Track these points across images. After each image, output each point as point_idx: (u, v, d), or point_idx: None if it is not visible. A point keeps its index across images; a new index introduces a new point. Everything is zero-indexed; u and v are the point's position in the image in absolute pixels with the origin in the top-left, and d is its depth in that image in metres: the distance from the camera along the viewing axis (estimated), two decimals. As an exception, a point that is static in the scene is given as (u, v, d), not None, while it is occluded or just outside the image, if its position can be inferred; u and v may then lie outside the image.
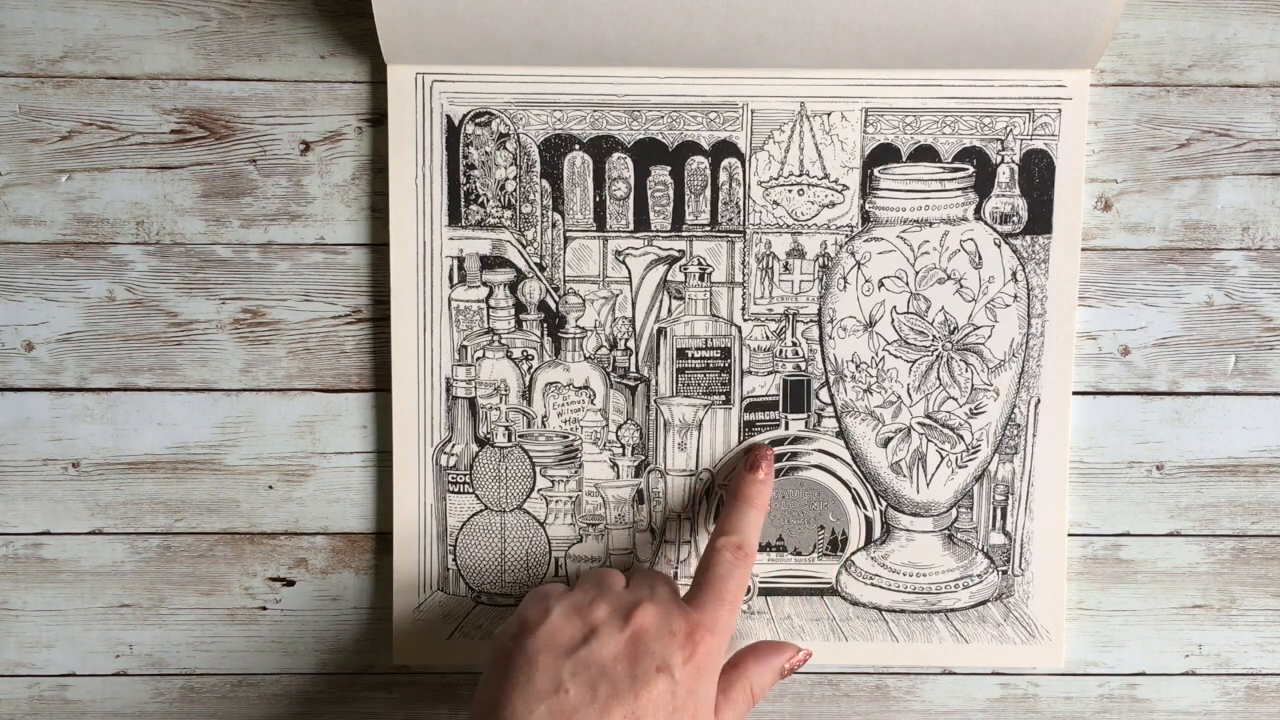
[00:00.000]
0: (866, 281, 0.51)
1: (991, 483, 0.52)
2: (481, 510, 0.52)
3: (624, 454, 0.52)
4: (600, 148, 0.50)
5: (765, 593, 0.52)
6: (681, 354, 0.51)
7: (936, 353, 0.51)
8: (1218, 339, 0.52)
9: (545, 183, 0.50)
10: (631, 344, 0.51)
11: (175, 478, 0.52)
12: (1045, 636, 0.52)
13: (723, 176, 0.50)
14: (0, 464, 0.52)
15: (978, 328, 0.51)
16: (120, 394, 0.51)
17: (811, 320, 0.51)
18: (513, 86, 0.50)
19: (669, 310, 0.51)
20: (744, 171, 0.50)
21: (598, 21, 0.47)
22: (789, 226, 0.51)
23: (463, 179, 0.50)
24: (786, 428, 0.52)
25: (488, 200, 0.50)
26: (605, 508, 0.52)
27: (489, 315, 0.51)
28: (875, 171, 0.50)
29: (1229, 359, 0.52)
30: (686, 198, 0.51)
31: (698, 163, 0.50)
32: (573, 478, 0.52)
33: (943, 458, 0.51)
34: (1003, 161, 0.50)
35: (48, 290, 0.51)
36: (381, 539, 0.52)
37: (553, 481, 0.52)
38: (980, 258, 0.51)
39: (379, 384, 0.52)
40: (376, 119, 0.50)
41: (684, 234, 0.51)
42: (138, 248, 0.51)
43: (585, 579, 0.48)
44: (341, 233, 0.51)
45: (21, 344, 0.51)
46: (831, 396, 0.51)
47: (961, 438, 0.51)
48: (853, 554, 0.52)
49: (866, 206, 0.50)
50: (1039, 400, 0.51)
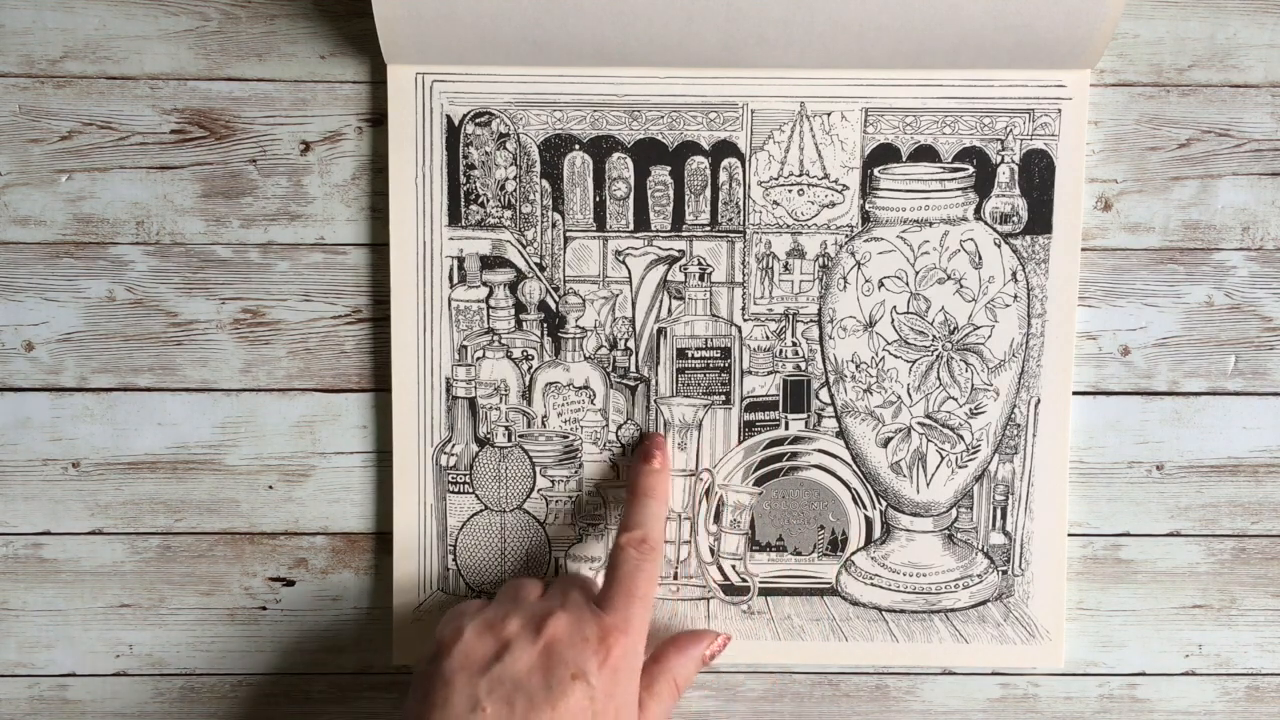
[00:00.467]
0: (866, 281, 0.51)
1: (991, 483, 0.52)
2: (481, 510, 0.52)
3: (624, 454, 0.52)
4: (600, 148, 0.50)
5: (765, 593, 0.52)
6: (681, 354, 0.51)
7: (936, 353, 0.51)
8: (1218, 339, 0.52)
9: (545, 183, 0.50)
10: (631, 344, 0.51)
11: (175, 478, 0.52)
12: (1045, 636, 0.52)
13: (723, 176, 0.50)
14: (0, 464, 0.52)
15: (978, 328, 0.51)
16: (120, 394, 0.51)
17: (811, 320, 0.51)
18: (513, 86, 0.50)
19: (669, 310, 0.51)
20: (744, 171, 0.50)
21: (598, 21, 0.47)
22: (789, 226, 0.51)
23: (463, 179, 0.50)
24: (786, 428, 0.52)
25: (488, 200, 0.50)
26: (605, 508, 0.52)
27: (489, 315, 0.51)
28: (875, 171, 0.50)
29: (1229, 359, 0.52)
30: (686, 198, 0.51)
31: (698, 163, 0.50)
32: (573, 478, 0.52)
33: (943, 458, 0.51)
34: (1003, 161, 0.50)
35: (48, 290, 0.51)
36: (381, 539, 0.52)
37: (553, 481, 0.52)
38: (980, 258, 0.51)
39: (379, 384, 0.52)
40: (376, 119, 0.50)
41: (684, 234, 0.51)
42: (138, 248, 0.51)
43: (501, 593, 0.48)
44: (341, 233, 0.51)
45: (21, 344, 0.51)
46: (831, 396, 0.51)
47: (961, 438, 0.51)
48: (853, 554, 0.52)
49: (866, 206, 0.50)
50: (1039, 400, 0.51)
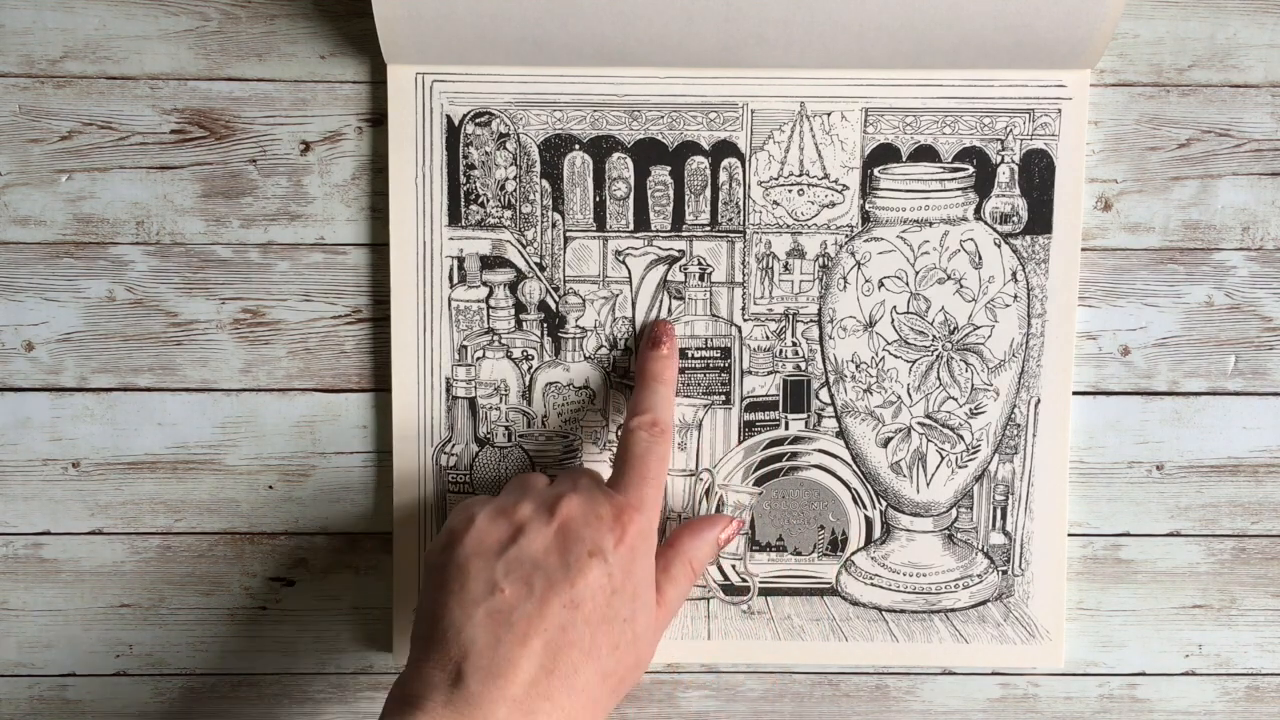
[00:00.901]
0: (866, 281, 0.51)
1: (991, 483, 0.52)
2: (481, 510, 0.52)
3: (624, 454, 0.52)
4: (600, 148, 0.50)
5: (765, 593, 0.52)
6: (681, 354, 0.51)
7: (936, 353, 0.51)
8: (1218, 339, 0.52)
9: (545, 183, 0.50)
10: (631, 344, 0.51)
11: (175, 478, 0.52)
12: (1045, 636, 0.52)
13: (723, 176, 0.50)
14: (0, 464, 0.52)
15: (978, 328, 0.51)
16: (120, 394, 0.51)
17: (811, 320, 0.51)
18: (513, 86, 0.50)
19: (669, 310, 0.51)
20: (744, 171, 0.50)
21: (598, 21, 0.47)
22: (789, 226, 0.51)
23: (463, 179, 0.50)
24: (786, 428, 0.52)
25: (488, 200, 0.50)
26: (605, 508, 0.52)
27: (489, 315, 0.51)
28: (875, 171, 0.50)
29: (1229, 359, 0.52)
30: (686, 198, 0.51)
31: (698, 163, 0.50)
32: (573, 478, 0.52)
33: (943, 458, 0.51)
34: (1003, 161, 0.50)
35: (48, 290, 0.51)
36: (381, 539, 0.52)
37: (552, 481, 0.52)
38: (980, 258, 0.51)
39: (379, 384, 0.52)
40: (376, 119, 0.50)
41: (684, 234, 0.51)
42: (138, 248, 0.51)
43: (509, 484, 0.48)
44: (341, 233, 0.51)
45: (21, 344, 0.51)
46: (831, 396, 0.51)
47: (961, 438, 0.51)
48: (853, 554, 0.52)
49: (866, 206, 0.50)
50: (1039, 400, 0.51)
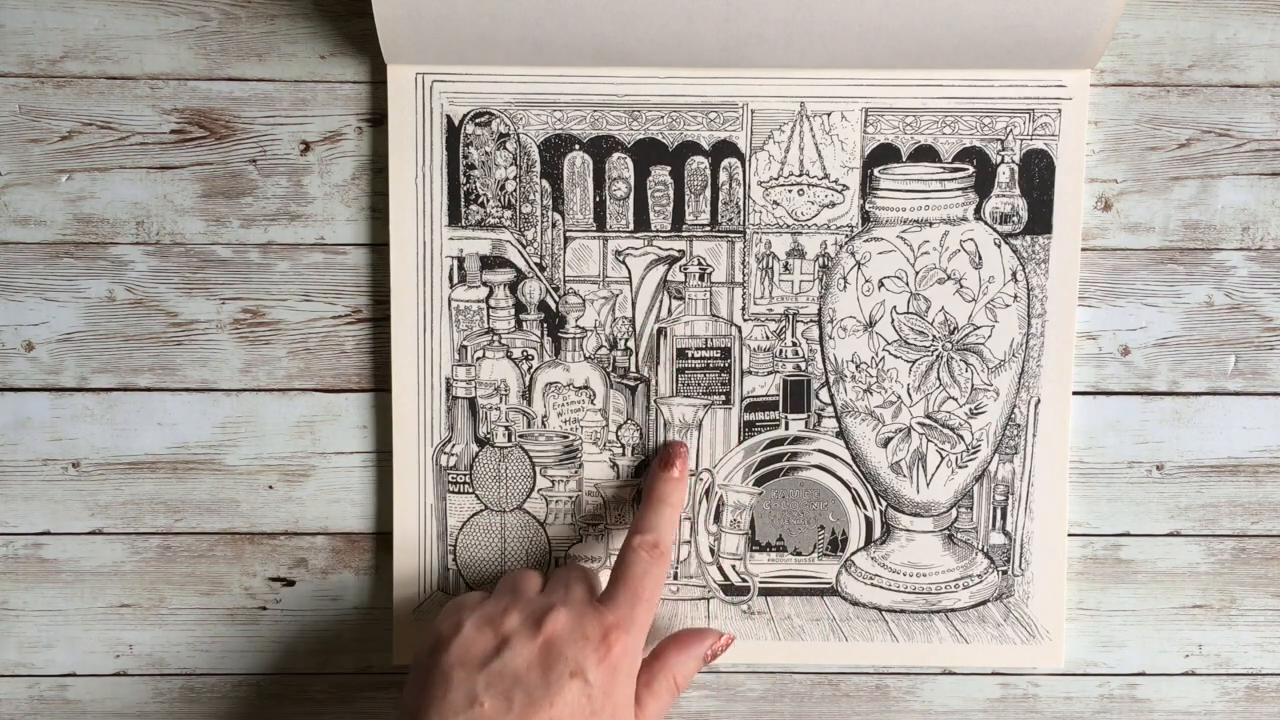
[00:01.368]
0: (866, 281, 0.51)
1: (991, 483, 0.52)
2: (481, 510, 0.52)
3: (624, 454, 0.52)
4: (600, 148, 0.50)
5: (765, 593, 0.52)
6: (681, 354, 0.51)
7: (936, 353, 0.51)
8: (1218, 339, 0.52)
9: (545, 183, 0.50)
10: (631, 344, 0.51)
11: (175, 478, 0.52)
12: (1045, 636, 0.52)
13: (723, 176, 0.50)
14: (0, 464, 0.52)
15: (978, 328, 0.51)
16: (120, 394, 0.51)
17: (811, 320, 0.51)
18: (513, 86, 0.50)
19: (669, 310, 0.51)
20: (744, 171, 0.50)
21: (598, 21, 0.47)
22: (789, 226, 0.51)
23: (463, 179, 0.50)
24: (786, 428, 0.52)
25: (488, 200, 0.50)
26: (605, 508, 0.52)
27: (489, 315, 0.51)
28: (875, 171, 0.50)
29: (1229, 359, 0.52)
30: (686, 198, 0.51)
31: (698, 163, 0.50)
32: (573, 478, 0.52)
33: (943, 458, 0.51)
34: (1003, 161, 0.50)
35: (48, 290, 0.51)
36: (381, 539, 0.52)
37: (553, 481, 0.52)
38: (980, 258, 0.51)
39: (379, 384, 0.52)
40: (376, 119, 0.50)
41: (684, 234, 0.51)
42: (138, 248, 0.51)
43: (501, 585, 0.48)
44: (341, 233, 0.51)
45: (21, 344, 0.51)
46: (831, 396, 0.51)
47: (961, 438, 0.51)
48: (853, 554, 0.52)
49: (866, 206, 0.50)
50: (1039, 400, 0.51)
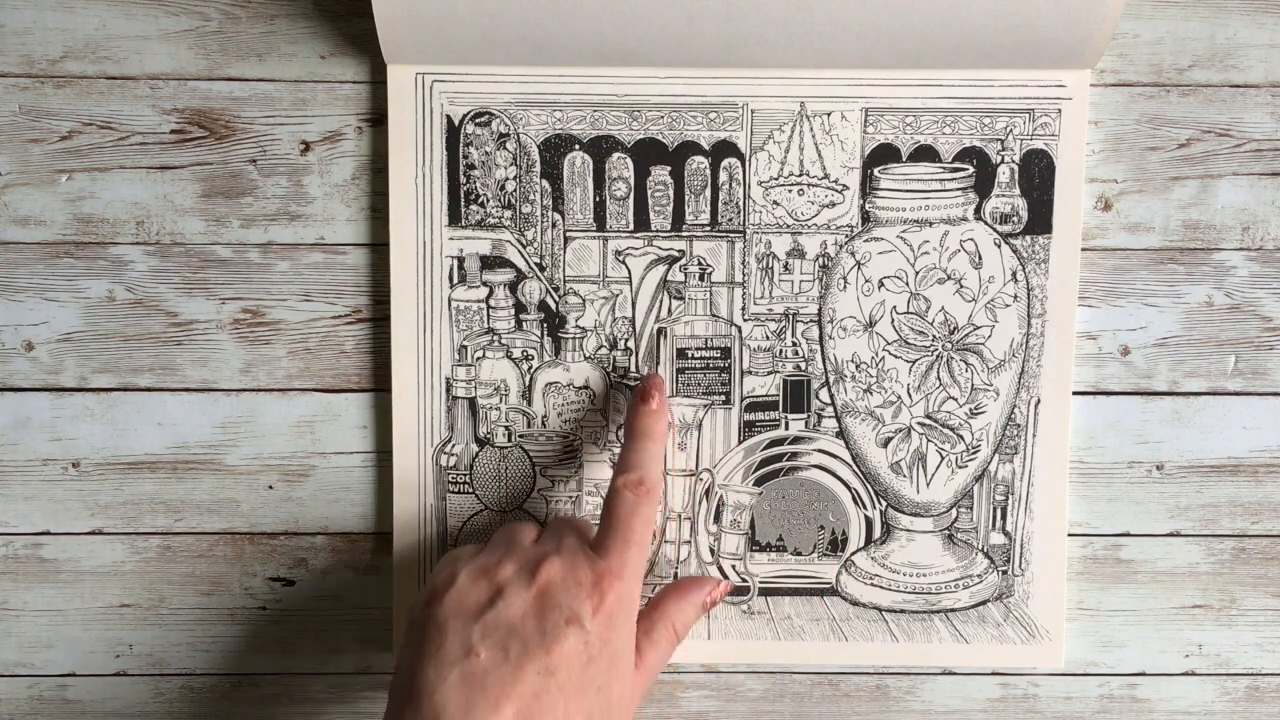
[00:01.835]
0: (866, 281, 0.51)
1: (991, 483, 0.52)
2: (481, 510, 0.52)
3: (624, 454, 0.52)
4: (600, 148, 0.50)
5: (765, 593, 0.52)
6: (681, 354, 0.51)
7: (936, 353, 0.51)
8: (1218, 339, 0.52)
9: (545, 183, 0.50)
10: (631, 344, 0.51)
11: (175, 478, 0.52)
12: (1045, 636, 0.52)
13: (723, 176, 0.50)
14: (0, 464, 0.52)
15: (978, 328, 0.51)
16: (120, 394, 0.51)
17: (811, 320, 0.51)
18: (513, 86, 0.50)
19: (669, 310, 0.51)
20: (744, 171, 0.50)
21: (598, 21, 0.47)
22: (789, 226, 0.51)
23: (463, 179, 0.50)
24: (786, 428, 0.52)
25: (488, 200, 0.50)
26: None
27: (489, 315, 0.51)
28: (875, 171, 0.50)
29: (1229, 359, 0.52)
30: (686, 198, 0.51)
31: (698, 163, 0.50)
32: (573, 478, 0.52)
33: (943, 458, 0.51)
34: (1003, 161, 0.50)
35: (48, 290, 0.51)
36: (381, 539, 0.52)
37: (553, 481, 0.52)
38: (980, 258, 0.51)
39: (379, 384, 0.52)
40: (376, 119, 0.50)
41: (684, 234, 0.51)
42: (138, 248, 0.51)
43: (495, 537, 0.48)
44: (341, 233, 0.51)
45: (21, 344, 0.51)
46: (831, 396, 0.51)
47: (961, 438, 0.51)
48: (853, 554, 0.52)
49: (866, 206, 0.50)
50: (1039, 400, 0.51)
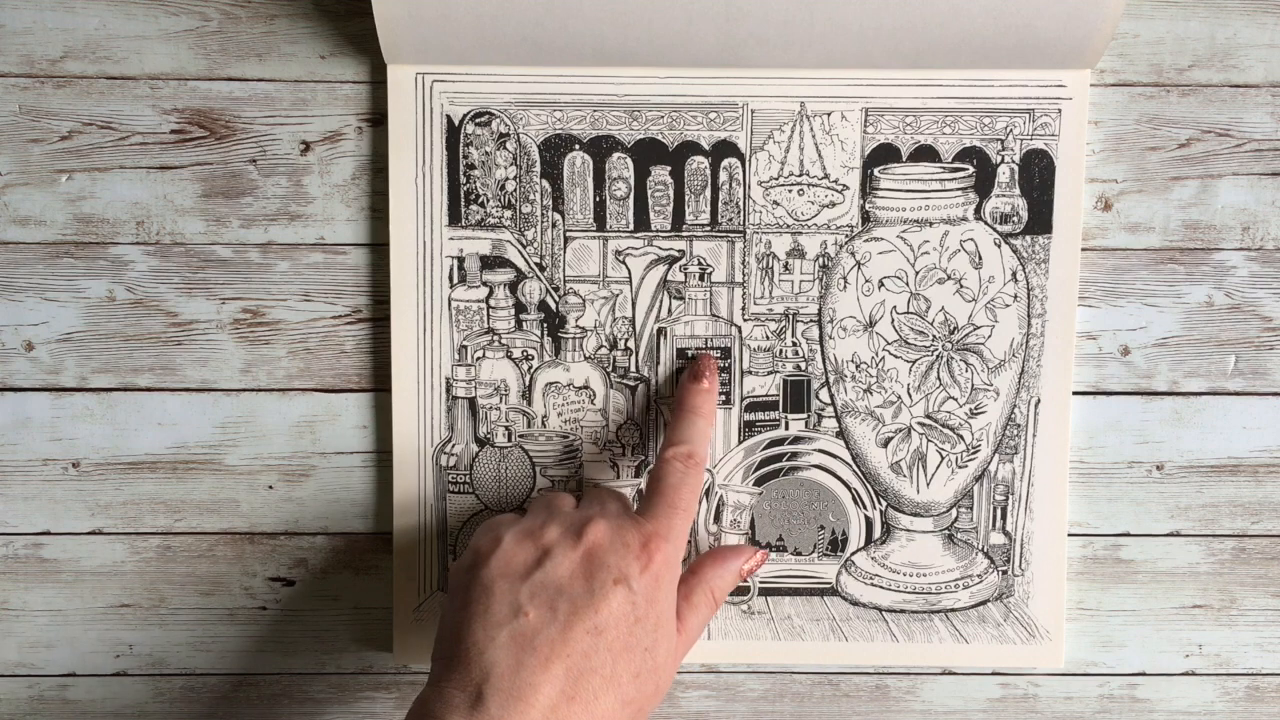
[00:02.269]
0: (866, 281, 0.51)
1: (991, 483, 0.52)
2: (481, 510, 0.52)
3: (624, 454, 0.52)
4: (600, 148, 0.50)
5: (765, 593, 0.52)
6: (681, 354, 0.51)
7: (936, 353, 0.51)
8: (1218, 339, 0.52)
9: (545, 183, 0.50)
10: (631, 344, 0.51)
11: (175, 478, 0.52)
12: (1045, 636, 0.52)
13: (723, 176, 0.50)
14: (0, 464, 0.52)
15: (978, 328, 0.51)
16: (120, 394, 0.51)
17: (811, 320, 0.51)
18: (513, 86, 0.50)
19: (669, 310, 0.51)
20: (744, 171, 0.50)
21: (598, 21, 0.47)
22: (789, 226, 0.51)
23: (463, 179, 0.50)
24: (786, 428, 0.52)
25: (488, 200, 0.50)
26: (605, 508, 0.52)
27: (489, 315, 0.51)
28: (875, 171, 0.50)
29: (1229, 359, 0.52)
30: (686, 198, 0.51)
31: (698, 163, 0.50)
32: (573, 478, 0.52)
33: (943, 458, 0.51)
34: (1003, 161, 0.50)
35: (48, 290, 0.51)
36: (381, 539, 0.52)
37: (553, 481, 0.52)
38: (980, 258, 0.51)
39: (379, 384, 0.52)
40: (376, 119, 0.50)
41: (684, 234, 0.51)
42: (138, 248, 0.51)
43: (535, 504, 0.48)
44: (341, 233, 0.51)
45: (21, 344, 0.51)
46: (831, 396, 0.51)
47: (961, 438, 0.51)
48: (853, 554, 0.52)
49: (866, 206, 0.50)
50: (1039, 400, 0.51)
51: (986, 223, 0.50)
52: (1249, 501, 0.52)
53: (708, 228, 0.51)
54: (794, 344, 0.51)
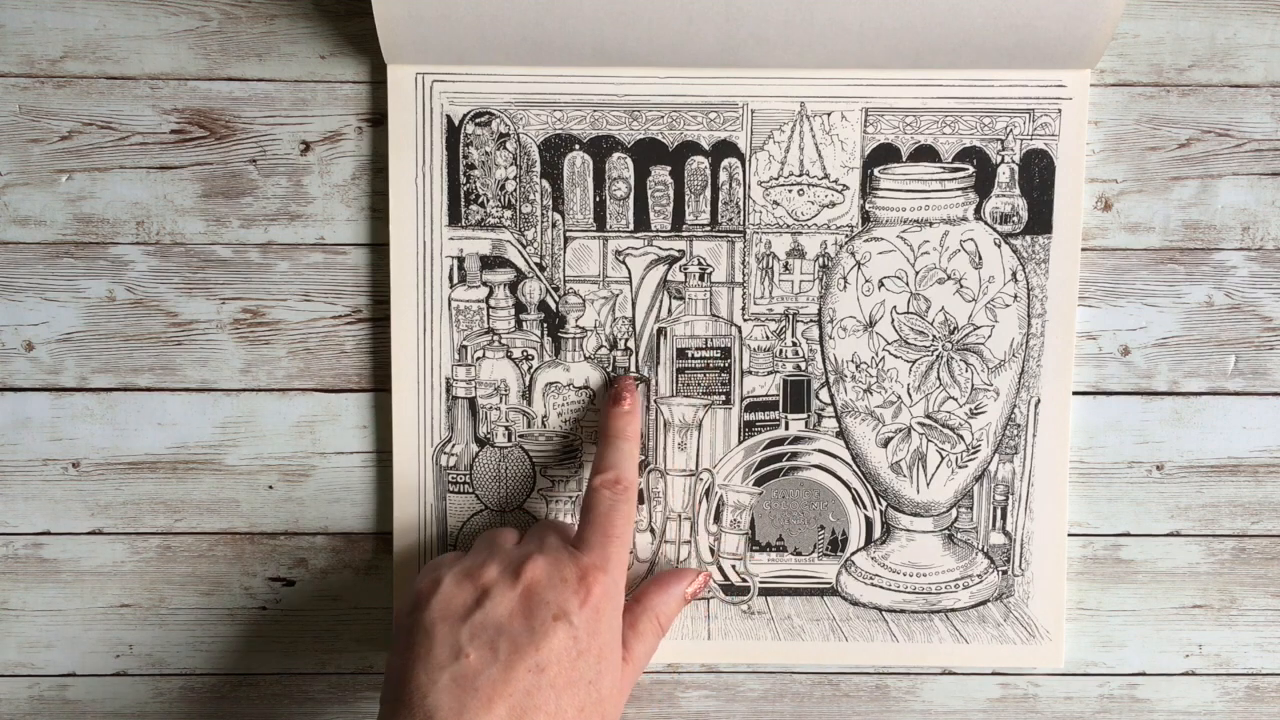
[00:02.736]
0: (866, 281, 0.51)
1: (991, 483, 0.52)
2: (481, 510, 0.52)
3: (624, 454, 0.52)
4: (600, 148, 0.50)
5: (765, 593, 0.52)
6: (681, 354, 0.51)
7: (936, 353, 0.51)
8: (1218, 339, 0.52)
9: (545, 183, 0.50)
10: (631, 344, 0.51)
11: (175, 478, 0.52)
12: (1045, 636, 0.52)
13: (723, 176, 0.50)
14: (0, 464, 0.52)
15: (978, 328, 0.51)
16: (120, 394, 0.51)
17: (811, 320, 0.51)
18: (513, 86, 0.50)
19: (669, 310, 0.51)
20: (744, 171, 0.50)
21: (598, 21, 0.47)
22: (789, 226, 0.51)
23: (463, 179, 0.50)
24: (786, 428, 0.52)
25: (488, 200, 0.50)
26: (605, 508, 0.52)
27: (489, 315, 0.51)
28: (875, 171, 0.50)
29: (1229, 359, 0.52)
30: (686, 198, 0.51)
31: (698, 163, 0.50)
32: (573, 478, 0.52)
33: (943, 458, 0.51)
34: (1003, 161, 0.50)
35: (48, 290, 0.51)
36: (381, 539, 0.52)
37: (553, 481, 0.52)
38: (980, 258, 0.51)
39: (379, 384, 0.52)
40: (376, 119, 0.50)
41: (684, 234, 0.51)
42: (138, 248, 0.51)
43: (478, 542, 0.48)
44: (341, 233, 0.51)
45: (21, 344, 0.51)
46: (831, 396, 0.51)
47: (961, 438, 0.51)
48: (853, 554, 0.52)
49: (866, 206, 0.50)
50: (1039, 400, 0.51)
51: (986, 223, 0.50)
52: (1249, 501, 0.52)
53: (708, 228, 0.51)
54: (794, 344, 0.51)
